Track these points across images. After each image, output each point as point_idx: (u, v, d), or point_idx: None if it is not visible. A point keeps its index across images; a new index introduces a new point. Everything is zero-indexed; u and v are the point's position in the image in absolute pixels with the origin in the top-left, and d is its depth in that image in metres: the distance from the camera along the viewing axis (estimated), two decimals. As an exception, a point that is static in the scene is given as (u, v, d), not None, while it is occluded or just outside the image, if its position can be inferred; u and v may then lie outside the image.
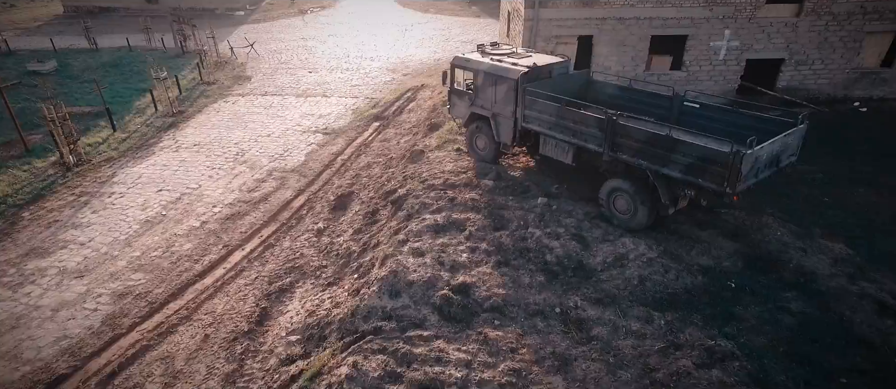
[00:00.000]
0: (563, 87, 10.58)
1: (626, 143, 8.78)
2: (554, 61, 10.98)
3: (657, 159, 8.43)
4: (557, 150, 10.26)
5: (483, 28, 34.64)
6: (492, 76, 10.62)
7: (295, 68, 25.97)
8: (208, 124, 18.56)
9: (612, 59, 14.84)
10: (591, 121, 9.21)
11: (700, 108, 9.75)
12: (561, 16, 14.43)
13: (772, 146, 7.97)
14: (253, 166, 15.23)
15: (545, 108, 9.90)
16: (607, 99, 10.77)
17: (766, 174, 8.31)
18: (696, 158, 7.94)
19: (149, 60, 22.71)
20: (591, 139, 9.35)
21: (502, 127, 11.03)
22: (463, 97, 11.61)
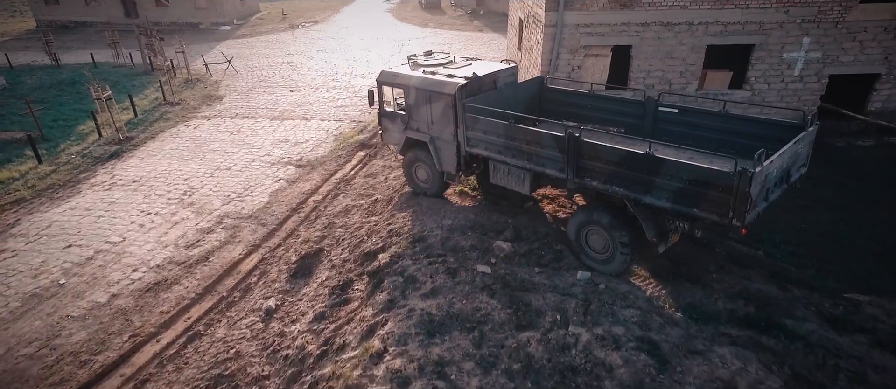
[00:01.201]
0: (513, 99, 8.98)
1: (595, 166, 6.86)
2: (499, 69, 9.21)
3: (637, 185, 6.51)
4: (511, 178, 8.34)
5: (487, 42, 31.78)
6: (425, 92, 8.69)
7: (275, 86, 22.94)
8: (159, 154, 15.39)
9: (655, 75, 11.74)
10: (547, 140, 7.27)
11: (679, 114, 8.14)
12: (591, 21, 11.37)
13: (782, 158, 6.17)
14: (200, 210, 12.00)
15: (491, 127, 7.94)
16: (568, 110, 9.21)
17: (777, 194, 6.59)
18: (687, 182, 6.06)
19: (87, 77, 19.66)
20: (549, 163, 7.42)
21: (443, 153, 9.04)
22: (395, 119, 9.56)
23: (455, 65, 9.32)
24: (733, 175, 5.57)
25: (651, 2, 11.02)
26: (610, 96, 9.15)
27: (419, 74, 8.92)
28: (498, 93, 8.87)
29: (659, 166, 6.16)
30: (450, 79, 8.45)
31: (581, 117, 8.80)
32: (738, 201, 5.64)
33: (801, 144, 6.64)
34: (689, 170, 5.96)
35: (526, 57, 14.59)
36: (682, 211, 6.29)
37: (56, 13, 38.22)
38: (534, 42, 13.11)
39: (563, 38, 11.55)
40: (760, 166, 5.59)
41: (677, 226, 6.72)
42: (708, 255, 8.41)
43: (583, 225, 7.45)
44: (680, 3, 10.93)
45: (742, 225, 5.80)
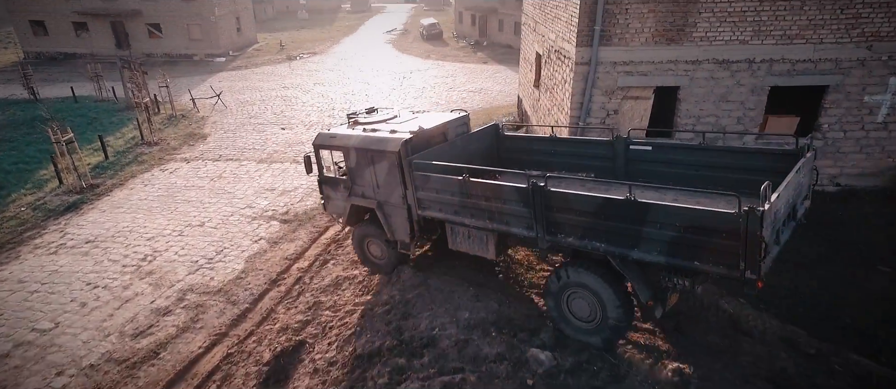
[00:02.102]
0: (467, 152, 8.30)
1: (568, 220, 5.91)
2: (448, 119, 8.40)
3: (621, 238, 5.55)
4: (472, 242, 7.41)
5: (491, 75, 30.30)
6: (366, 153, 7.77)
7: (265, 124, 21.15)
8: (124, 206, 13.37)
9: (707, 121, 9.86)
10: (509, 193, 6.32)
11: (653, 151, 7.39)
12: (631, 58, 9.55)
13: (788, 191, 5.38)
14: (160, 282, 9.90)
15: (443, 185, 7.00)
16: (529, 158, 8.50)
17: (788, 234, 5.72)
18: (682, 230, 5.05)
19: (43, 113, 17.79)
20: (514, 220, 6.42)
21: (393, 219, 8.00)
22: (337, 186, 8.54)
23: (399, 120, 8.38)
24: (739, 216, 4.57)
25: (704, 36, 9.23)
26: (575, 139, 8.35)
27: (359, 133, 7.95)
28: (449, 147, 8.02)
29: (644, 213, 5.13)
30: (393, 136, 7.52)
31: (545, 165, 8.10)
32: (750, 248, 4.62)
33: (801, 173, 5.81)
34: (684, 215, 4.93)
35: (546, 97, 12.77)
36: (680, 266, 5.19)
37: (45, 44, 36.90)
38: (558, 81, 11.29)
39: (597, 77, 9.72)
40: (769, 202, 4.68)
41: (676, 284, 5.60)
42: (705, 317, 6.93)
43: (563, 288, 6.32)
44: (739, 37, 9.14)
45: (758, 278, 4.74)
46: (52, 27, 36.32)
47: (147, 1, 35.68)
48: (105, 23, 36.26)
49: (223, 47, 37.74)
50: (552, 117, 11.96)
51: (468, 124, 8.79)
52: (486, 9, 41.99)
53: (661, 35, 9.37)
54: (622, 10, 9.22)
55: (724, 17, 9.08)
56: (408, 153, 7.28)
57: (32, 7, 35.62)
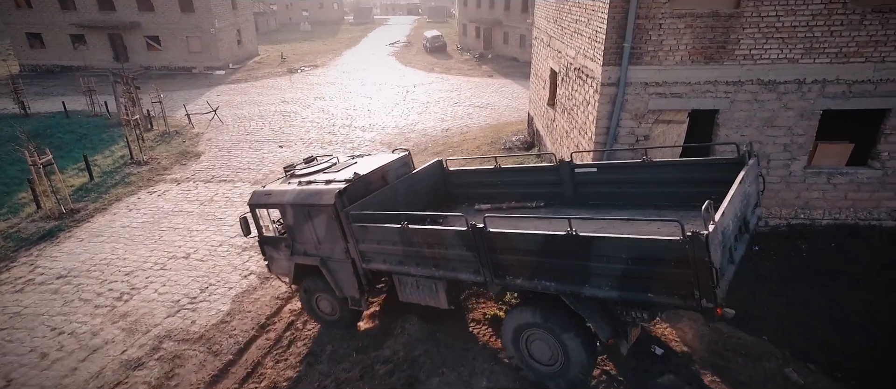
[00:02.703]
0: (411, 193, 7.97)
1: (514, 261, 5.54)
2: (387, 161, 8.03)
3: (570, 276, 5.13)
4: (422, 292, 6.99)
5: (498, 89, 29.38)
6: (302, 208, 7.27)
7: (262, 141, 20.18)
8: (104, 234, 12.34)
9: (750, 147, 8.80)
10: (450, 238, 5.92)
11: (598, 173, 7.23)
12: (665, 78, 8.53)
13: (733, 205, 4.90)
14: (134, 326, 8.81)
15: (383, 235, 6.58)
16: (479, 192, 8.27)
17: (742, 249, 5.32)
18: (629, 261, 4.64)
19: (19, 134, 16.85)
20: (460, 265, 6.04)
21: (339, 275, 7.52)
22: (279, 245, 8.03)
23: (337, 168, 7.96)
24: (685, 243, 4.28)
25: (748, 54, 8.22)
26: (522, 168, 8.11)
27: (294, 188, 7.45)
28: (391, 191, 7.60)
29: (588, 248, 4.87)
30: (326, 187, 7.09)
31: (495, 197, 7.88)
32: (701, 275, 4.35)
33: (746, 183, 5.53)
34: (628, 246, 4.65)
35: (563, 118, 11.74)
36: (634, 300, 4.90)
37: (41, 57, 36.21)
38: (578, 102, 10.28)
39: (626, 99, 8.70)
40: (713, 223, 4.40)
41: (635, 318, 5.33)
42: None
43: (521, 329, 5.98)
44: (788, 55, 8.13)
45: (715, 305, 4.45)
46: (49, 40, 35.65)
47: (146, 13, 35.04)
48: (103, 35, 35.59)
49: (223, 60, 37.00)
50: (571, 140, 10.92)
51: (410, 164, 8.36)
52: (491, 21, 41.28)
53: (698, 53, 8.35)
54: (655, 26, 8.22)
55: (771, 32, 8.06)
56: (343, 204, 6.84)
57: (29, 19, 35.00)
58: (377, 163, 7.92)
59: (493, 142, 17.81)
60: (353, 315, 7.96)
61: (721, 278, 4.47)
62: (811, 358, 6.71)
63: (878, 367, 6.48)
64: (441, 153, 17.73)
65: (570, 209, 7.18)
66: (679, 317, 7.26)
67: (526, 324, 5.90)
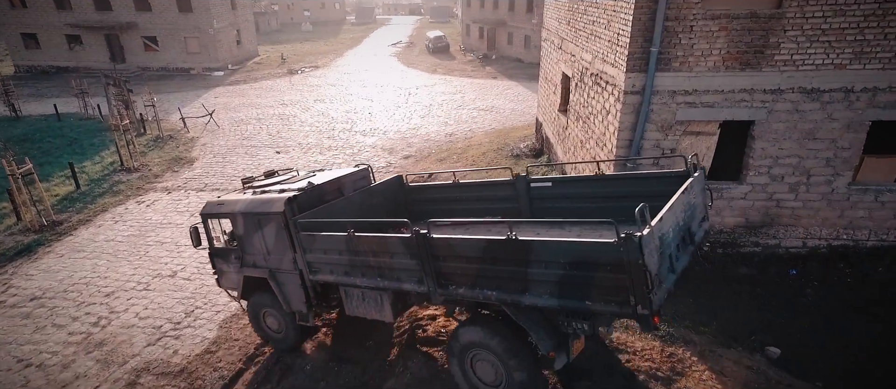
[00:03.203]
0: (368, 207, 7.80)
1: (456, 269, 5.36)
2: (345, 174, 7.93)
3: (510, 283, 5.02)
4: (367, 305, 6.75)
5: (502, 92, 28.57)
6: (253, 217, 7.14)
7: (259, 146, 19.41)
8: (86, 249, 11.57)
9: (787, 163, 7.97)
10: (394, 246, 5.72)
11: (553, 186, 7.02)
12: (695, 86, 7.70)
13: (674, 213, 4.83)
14: (110, 357, 8.03)
15: (330, 244, 6.39)
16: (439, 207, 8.07)
17: (686, 260, 5.14)
18: (567, 266, 4.56)
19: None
20: (405, 275, 5.84)
21: (288, 288, 7.33)
22: (229, 257, 7.86)
23: (295, 179, 7.82)
24: (618, 246, 4.14)
25: (789, 59, 7.39)
26: (479, 183, 7.94)
27: (246, 197, 7.35)
28: (347, 203, 7.48)
29: (527, 253, 4.80)
30: (277, 195, 6.97)
31: (453, 213, 7.68)
32: (636, 280, 4.18)
33: (692, 193, 5.53)
34: (565, 249, 4.58)
35: (578, 126, 10.92)
36: (573, 307, 4.77)
37: (37, 58, 35.55)
38: (596, 110, 9.46)
39: (651, 109, 7.88)
40: (649, 226, 4.22)
41: (576, 329, 5.15)
42: None
43: (465, 349, 5.83)
44: (834, 60, 7.30)
45: (651, 313, 4.26)
46: (45, 40, 34.98)
47: (143, 13, 34.34)
48: (99, 36, 34.90)
49: (222, 61, 36.27)
50: (587, 151, 10.11)
51: (369, 177, 8.24)
52: (495, 21, 40.47)
53: (733, 58, 7.52)
54: (686, 28, 7.40)
55: (816, 35, 7.23)
56: (293, 212, 6.69)
57: (24, 19, 34.34)
58: (335, 175, 7.83)
59: (500, 149, 16.99)
60: (299, 334, 7.72)
61: (658, 284, 4.35)
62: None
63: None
64: (445, 160, 16.93)
65: (527, 224, 7.06)
66: (718, 358, 6.44)
67: (470, 343, 5.76)
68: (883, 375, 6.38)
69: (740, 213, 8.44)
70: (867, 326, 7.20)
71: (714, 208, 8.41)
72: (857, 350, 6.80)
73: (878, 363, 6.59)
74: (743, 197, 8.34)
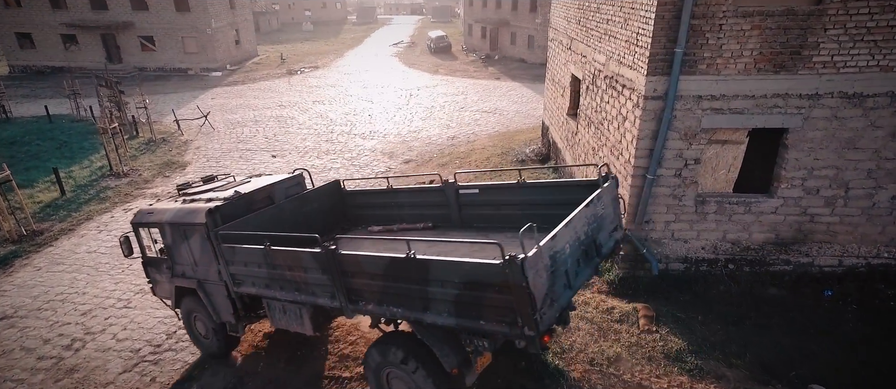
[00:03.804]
0: (302, 215, 7.67)
1: (364, 285, 5.39)
2: (276, 181, 7.74)
3: (413, 301, 5.06)
4: (288, 317, 6.59)
5: (506, 93, 27.86)
6: (179, 227, 7.02)
7: (255, 150, 18.74)
8: (66, 261, 10.90)
9: (823, 174, 7.27)
10: (307, 261, 5.70)
11: (480, 194, 7.02)
12: (724, 90, 6.99)
13: (572, 229, 4.88)
14: (81, 386, 7.36)
15: (249, 257, 6.28)
16: (376, 213, 8.09)
17: (587, 275, 5.25)
18: (461, 286, 4.61)
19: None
20: (319, 290, 5.82)
21: (216, 298, 7.22)
22: (161, 267, 7.80)
23: (230, 186, 7.70)
24: (503, 267, 4.13)
25: (830, 60, 6.68)
26: (411, 189, 7.91)
27: (174, 206, 7.27)
28: (278, 211, 7.42)
29: (426, 271, 4.75)
30: (201, 206, 6.86)
31: (389, 219, 7.92)
32: (520, 301, 4.17)
33: (599, 205, 5.48)
34: (457, 269, 4.53)
35: (589, 132, 10.21)
36: (468, 326, 4.74)
37: (32, 58, 34.95)
38: (610, 116, 8.75)
39: (674, 116, 7.18)
40: (535, 247, 4.24)
41: (477, 347, 5.12)
42: None
43: (380, 368, 5.83)
44: (881, 62, 6.58)
45: (538, 333, 4.25)
46: (40, 40, 34.40)
47: (139, 12, 33.73)
48: (95, 35, 34.30)
49: (220, 61, 35.63)
50: (600, 160, 9.40)
51: (303, 184, 8.10)
52: (497, 21, 39.75)
53: (766, 60, 6.81)
54: (714, 27, 6.68)
55: (860, 34, 6.52)
56: (215, 223, 6.61)
57: (18, 19, 33.75)
58: (266, 182, 7.72)
59: (504, 153, 16.29)
60: (226, 343, 7.65)
61: (549, 304, 4.41)
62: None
63: None
64: (446, 164, 16.24)
65: (456, 231, 7.19)
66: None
67: (384, 361, 5.72)
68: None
69: (770, 229, 7.73)
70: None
71: (741, 223, 7.70)
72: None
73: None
74: (773, 212, 7.62)
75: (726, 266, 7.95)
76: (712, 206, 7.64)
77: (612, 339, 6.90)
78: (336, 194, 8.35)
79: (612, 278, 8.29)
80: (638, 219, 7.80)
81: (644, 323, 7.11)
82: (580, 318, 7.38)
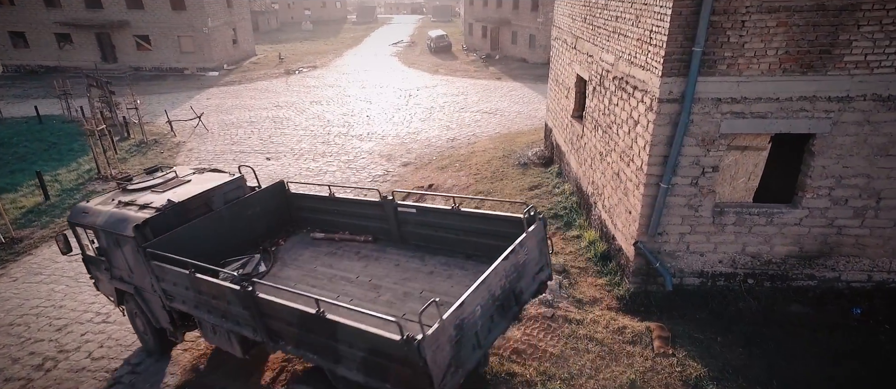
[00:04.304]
0: (243, 219, 7.47)
1: (281, 328, 5.33)
2: (214, 185, 7.35)
3: (326, 351, 5.05)
4: (220, 338, 6.38)
5: (507, 93, 27.31)
6: (111, 235, 6.74)
7: (249, 152, 18.20)
8: (45, 271, 10.37)
9: (853, 184, 6.72)
10: (229, 295, 5.56)
11: (417, 214, 7.03)
12: (746, 92, 6.44)
13: (486, 288, 4.86)
14: (50, 412, 6.82)
15: (179, 279, 6.09)
16: (320, 218, 7.98)
17: (502, 328, 5.25)
18: (366, 351, 4.65)
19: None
20: (242, 322, 5.71)
21: (153, 305, 6.97)
22: (100, 267, 7.50)
23: (169, 186, 7.43)
24: (403, 344, 4.15)
25: (862, 60, 6.14)
26: (352, 200, 7.79)
27: (107, 209, 6.97)
28: (216, 218, 7.20)
29: (334, 330, 4.73)
30: (132, 216, 6.61)
31: (332, 226, 7.94)
32: (419, 378, 4.23)
33: (521, 252, 5.36)
34: (360, 336, 4.55)
35: (596, 136, 9.66)
36: (376, 388, 4.74)
37: (25, 57, 34.43)
38: (620, 119, 8.20)
39: (693, 121, 6.64)
40: (437, 323, 4.23)
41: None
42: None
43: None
44: (920, 60, 6.06)
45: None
46: (33, 39, 33.87)
47: (135, 11, 33.21)
48: (90, 34, 33.78)
49: (217, 60, 35.10)
50: (608, 166, 8.85)
51: (243, 187, 7.83)
52: (498, 20, 39.19)
53: (793, 59, 6.25)
54: (736, 24, 6.13)
55: (897, 32, 5.96)
56: (144, 238, 6.37)
57: (12, 17, 33.22)
58: (204, 186, 7.37)
59: (506, 157, 15.73)
60: (163, 343, 7.57)
61: (454, 372, 4.47)
62: None
63: None
64: (446, 168, 15.69)
65: (396, 247, 7.25)
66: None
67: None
68: None
69: (793, 241, 7.17)
70: (958, 385, 5.93)
71: (762, 235, 7.14)
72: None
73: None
74: (797, 223, 7.06)
75: (745, 281, 7.40)
76: (731, 217, 7.08)
77: (625, 363, 6.35)
78: (281, 196, 8.21)
79: (621, 293, 7.74)
80: (650, 231, 7.24)
81: (659, 344, 6.56)
82: (589, 339, 6.83)
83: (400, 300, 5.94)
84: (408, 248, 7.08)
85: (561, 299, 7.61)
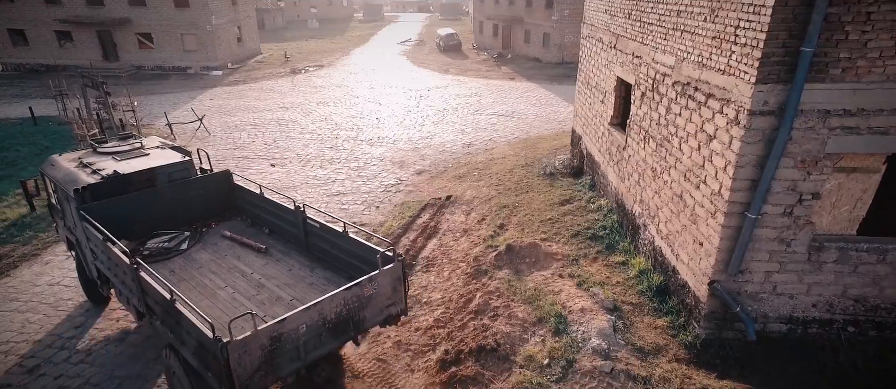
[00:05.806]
0: (182, 199, 8.16)
1: (154, 306, 5.94)
2: (161, 164, 7.97)
3: (177, 334, 5.58)
4: (124, 301, 7.12)
5: (522, 95, 26.06)
6: (63, 192, 7.63)
7: (252, 157, 17.06)
8: (22, 297, 9.20)
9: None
10: (125, 268, 6.19)
11: (320, 229, 7.24)
12: (866, 103, 5.21)
13: (313, 312, 5.23)
14: None
15: (96, 243, 6.88)
16: (253, 212, 8.52)
17: (331, 346, 5.62)
18: (197, 341, 5.11)
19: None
20: (131, 292, 6.41)
21: (88, 259, 7.71)
22: (57, 214, 8.48)
23: (124, 156, 8.19)
24: (216, 343, 4.58)
25: None
26: (276, 202, 7.96)
27: (66, 167, 7.88)
28: (156, 195, 7.82)
29: (179, 318, 5.25)
30: (79, 177, 7.47)
31: (263, 222, 8.35)
32: (224, 376, 4.68)
33: (371, 286, 5.69)
34: (190, 327, 5.02)
35: (648, 150, 8.39)
36: (201, 375, 5.34)
37: (25, 55, 33.49)
38: (687, 133, 6.94)
39: (791, 137, 5.40)
40: (249, 332, 4.74)
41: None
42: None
43: (168, 371, 6.25)
44: None
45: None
46: (33, 37, 32.92)
47: (137, 8, 32.19)
48: (91, 32, 32.79)
49: (221, 59, 34.03)
50: (667, 186, 7.59)
51: (189, 170, 8.37)
52: (510, 18, 37.92)
53: (927, 63, 4.98)
54: (859, 17, 4.87)
55: None
56: (82, 200, 7.17)
57: (11, 15, 32.28)
58: (155, 162, 8.02)
59: (529, 165, 14.48)
60: (95, 295, 8.45)
61: (263, 375, 4.88)
62: None
63: None
64: (464, 177, 14.47)
65: (299, 253, 7.57)
66: None
67: (167, 368, 6.17)
68: None
69: (905, 283, 5.90)
70: None
71: (870, 275, 5.88)
72: None
73: None
74: (912, 262, 5.80)
75: (845, 328, 6.13)
76: (832, 254, 5.82)
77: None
78: (224, 184, 8.74)
79: (690, 340, 6.49)
80: (731, 269, 5.99)
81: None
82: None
83: (269, 302, 6.34)
84: (308, 257, 7.42)
85: (618, 347, 6.37)
